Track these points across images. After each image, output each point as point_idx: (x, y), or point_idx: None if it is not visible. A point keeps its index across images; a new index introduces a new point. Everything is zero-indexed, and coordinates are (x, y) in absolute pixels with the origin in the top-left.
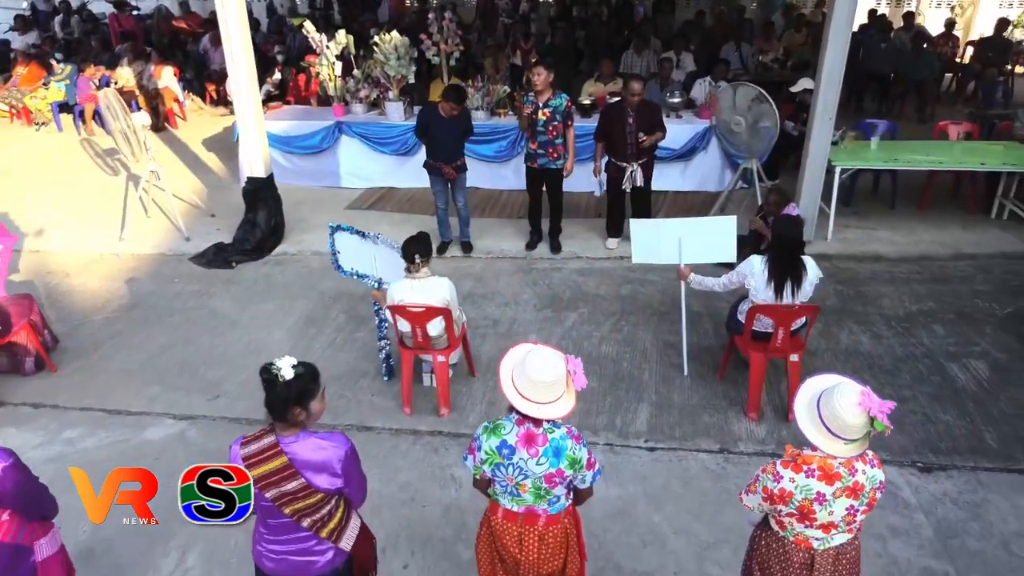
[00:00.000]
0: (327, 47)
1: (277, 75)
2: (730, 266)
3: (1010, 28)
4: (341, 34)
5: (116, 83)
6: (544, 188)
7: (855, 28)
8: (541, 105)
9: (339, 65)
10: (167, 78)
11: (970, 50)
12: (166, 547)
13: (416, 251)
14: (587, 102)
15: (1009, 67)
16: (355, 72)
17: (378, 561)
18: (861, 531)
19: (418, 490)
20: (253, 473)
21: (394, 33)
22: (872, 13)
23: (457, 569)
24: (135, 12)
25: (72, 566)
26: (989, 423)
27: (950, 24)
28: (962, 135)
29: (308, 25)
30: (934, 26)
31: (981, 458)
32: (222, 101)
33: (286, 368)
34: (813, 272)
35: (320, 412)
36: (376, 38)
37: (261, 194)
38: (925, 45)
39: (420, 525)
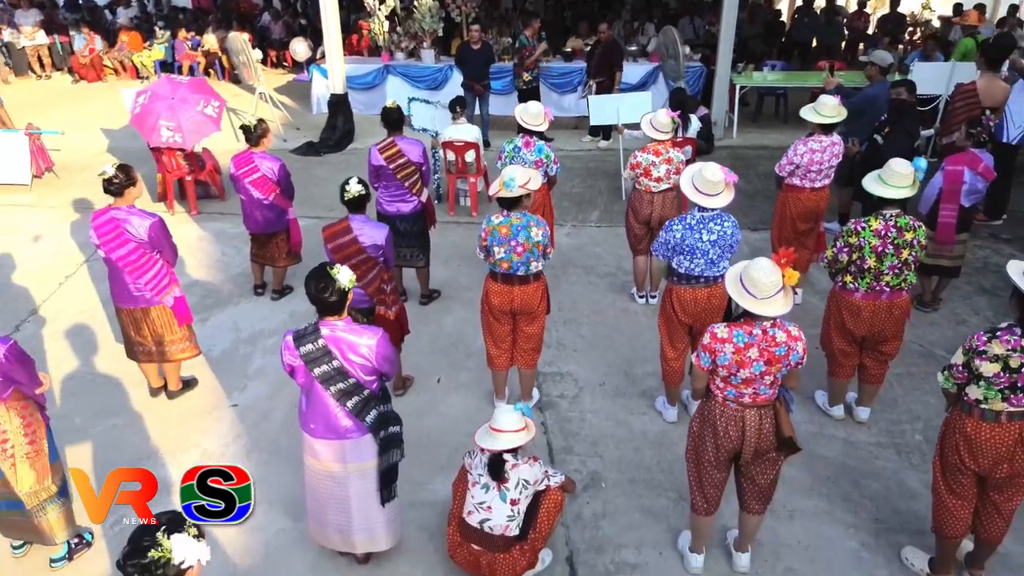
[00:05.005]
0: (379, 9)
1: None
2: None
3: (920, 9)
4: None
5: (204, 46)
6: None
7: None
8: (536, 43)
9: (387, 23)
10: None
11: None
12: None
13: (457, 104)
14: (568, 50)
15: (907, 37)
16: (398, 28)
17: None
18: (676, 186)
19: (460, 244)
20: (384, 155)
21: None
22: None
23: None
24: None
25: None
26: None
27: (862, 3)
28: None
29: None
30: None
31: None
32: (280, 64)
33: (394, 104)
34: (695, 122)
35: None
36: (415, 2)
37: (339, 106)
38: (844, 20)
39: (464, 255)
